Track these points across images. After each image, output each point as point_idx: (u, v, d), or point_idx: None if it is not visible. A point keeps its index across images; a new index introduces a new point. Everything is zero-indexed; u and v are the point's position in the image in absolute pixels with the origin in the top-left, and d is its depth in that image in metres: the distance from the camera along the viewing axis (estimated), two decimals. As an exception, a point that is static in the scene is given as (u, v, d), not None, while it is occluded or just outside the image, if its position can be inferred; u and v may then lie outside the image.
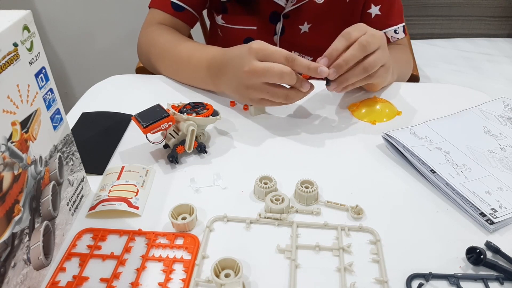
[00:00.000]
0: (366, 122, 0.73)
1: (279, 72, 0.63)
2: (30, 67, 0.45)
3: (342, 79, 0.66)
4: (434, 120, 0.71)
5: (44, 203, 0.48)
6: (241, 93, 0.70)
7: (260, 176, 0.60)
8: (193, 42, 0.87)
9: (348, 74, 0.66)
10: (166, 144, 0.67)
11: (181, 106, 0.68)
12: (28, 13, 0.44)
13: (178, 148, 0.64)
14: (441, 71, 1.52)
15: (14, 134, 0.42)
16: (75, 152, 0.56)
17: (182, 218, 0.54)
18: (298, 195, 0.58)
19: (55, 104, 0.50)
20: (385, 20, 0.90)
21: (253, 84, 0.66)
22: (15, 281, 0.43)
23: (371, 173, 0.63)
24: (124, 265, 0.50)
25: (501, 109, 0.73)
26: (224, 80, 0.74)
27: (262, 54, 0.65)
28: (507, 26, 1.75)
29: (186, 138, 0.64)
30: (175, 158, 0.65)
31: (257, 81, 0.66)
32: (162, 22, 0.91)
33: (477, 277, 0.48)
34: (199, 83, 0.82)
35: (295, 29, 0.93)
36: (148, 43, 0.89)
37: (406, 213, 0.56)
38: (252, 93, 0.68)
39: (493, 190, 0.57)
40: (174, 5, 0.90)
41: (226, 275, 0.47)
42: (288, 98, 0.67)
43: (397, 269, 0.49)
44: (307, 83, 0.66)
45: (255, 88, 0.67)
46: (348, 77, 0.66)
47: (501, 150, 0.64)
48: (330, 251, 0.51)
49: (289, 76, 0.63)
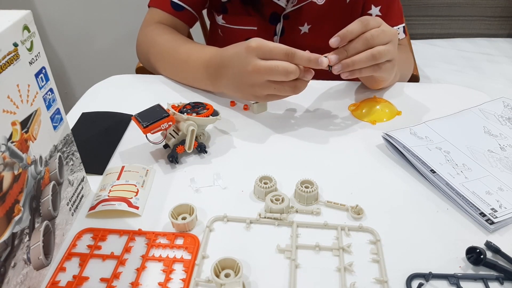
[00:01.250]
0: (366, 122, 0.73)
1: (284, 71, 0.63)
2: (30, 67, 0.45)
3: (349, 62, 0.65)
4: (434, 120, 0.71)
5: (44, 203, 0.48)
6: (244, 91, 0.70)
7: (260, 176, 0.60)
8: (192, 42, 0.87)
9: (355, 58, 0.65)
10: (166, 144, 0.67)
11: (181, 106, 0.68)
12: (28, 13, 0.44)
13: (178, 148, 0.64)
14: (441, 71, 1.52)
15: (14, 134, 0.42)
16: (75, 152, 0.56)
17: (182, 218, 0.54)
18: (298, 195, 0.58)
19: (55, 104, 0.50)
20: (385, 20, 0.89)
21: (258, 82, 0.66)
22: (15, 281, 0.43)
23: (371, 173, 0.63)
24: (124, 265, 0.50)
25: (501, 109, 0.73)
26: (224, 80, 0.74)
27: (262, 52, 0.65)
28: (507, 26, 1.75)
29: (186, 138, 0.64)
30: (175, 158, 0.65)
31: (262, 79, 0.66)
32: (161, 22, 0.91)
33: (477, 277, 0.48)
34: (198, 84, 0.82)
35: (295, 30, 0.93)
36: (147, 43, 0.89)
37: (406, 213, 0.56)
38: (257, 90, 0.68)
39: (493, 190, 0.57)
40: (174, 4, 0.90)
41: (226, 275, 0.47)
42: (296, 88, 0.67)
43: (397, 269, 0.49)
44: (310, 72, 0.66)
45: (260, 85, 0.67)
46: (356, 61, 0.65)
47: (501, 150, 0.64)
48: (330, 251, 0.51)
49: (294, 73, 0.64)
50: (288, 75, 0.64)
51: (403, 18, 0.92)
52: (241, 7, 0.91)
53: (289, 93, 0.67)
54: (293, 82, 0.66)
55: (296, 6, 0.89)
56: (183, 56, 0.82)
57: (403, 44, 0.92)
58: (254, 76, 0.66)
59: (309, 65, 0.64)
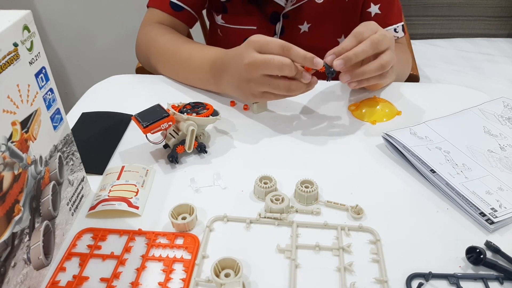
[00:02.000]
0: (366, 122, 0.73)
1: (279, 64, 0.63)
2: (30, 67, 0.45)
3: (359, 73, 0.65)
4: (434, 120, 0.71)
5: (44, 203, 0.48)
6: (243, 88, 0.70)
7: (260, 176, 0.60)
8: (193, 42, 0.87)
9: (365, 68, 0.65)
10: (166, 144, 0.67)
11: (181, 106, 0.68)
12: (28, 13, 0.44)
13: (178, 148, 0.64)
14: (441, 71, 1.52)
15: (14, 134, 0.42)
16: (75, 152, 0.56)
17: (182, 218, 0.54)
18: (298, 195, 0.58)
19: (55, 104, 0.50)
20: (385, 19, 0.90)
21: (254, 77, 0.66)
22: (15, 280, 0.43)
23: (371, 173, 0.63)
24: (124, 265, 0.50)
25: (501, 109, 0.73)
26: (226, 78, 0.74)
27: (259, 45, 0.65)
28: (507, 26, 1.75)
29: (186, 138, 0.64)
30: (175, 158, 0.65)
31: (258, 74, 0.66)
32: (160, 22, 0.91)
33: (477, 277, 0.48)
34: (201, 84, 0.82)
35: (295, 29, 0.93)
36: (147, 43, 0.89)
37: (406, 213, 0.56)
38: (253, 86, 0.68)
39: (493, 189, 0.57)
40: (173, 4, 0.90)
41: (226, 274, 0.47)
42: (290, 89, 0.66)
43: (397, 269, 0.49)
44: (308, 74, 0.65)
45: (256, 81, 0.67)
46: (366, 71, 0.65)
47: (501, 150, 0.64)
48: (330, 251, 0.51)
49: (289, 67, 0.63)
50: (282, 68, 0.63)
51: (402, 16, 0.92)
52: (241, 6, 0.91)
53: (283, 91, 0.67)
54: (288, 81, 0.66)
55: (295, 4, 0.89)
56: (185, 56, 0.82)
57: (402, 43, 0.93)
58: (250, 69, 0.66)
59: (304, 62, 0.64)
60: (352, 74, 0.65)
